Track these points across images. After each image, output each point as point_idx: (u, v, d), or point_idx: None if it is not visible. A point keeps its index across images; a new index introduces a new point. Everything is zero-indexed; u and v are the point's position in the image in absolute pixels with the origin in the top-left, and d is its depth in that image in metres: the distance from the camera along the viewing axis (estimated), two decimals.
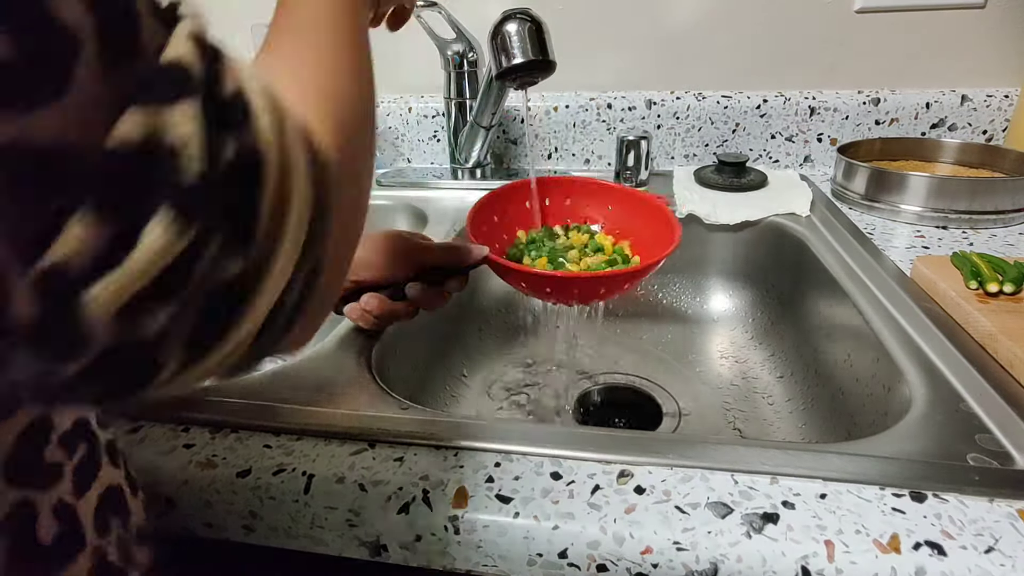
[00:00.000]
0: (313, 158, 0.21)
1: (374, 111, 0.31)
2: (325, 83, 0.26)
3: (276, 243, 0.20)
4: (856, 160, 0.72)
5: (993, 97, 0.81)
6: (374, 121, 0.31)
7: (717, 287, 0.78)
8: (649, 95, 0.87)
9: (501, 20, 0.58)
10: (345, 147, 0.25)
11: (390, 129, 0.96)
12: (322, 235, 0.22)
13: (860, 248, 0.60)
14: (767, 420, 0.61)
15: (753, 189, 0.79)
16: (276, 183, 0.19)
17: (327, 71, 0.27)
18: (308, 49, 0.28)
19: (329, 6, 0.29)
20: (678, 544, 0.30)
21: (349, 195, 0.26)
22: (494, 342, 0.75)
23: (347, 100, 0.27)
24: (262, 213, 0.19)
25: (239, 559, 0.40)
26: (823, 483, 0.33)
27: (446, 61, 0.81)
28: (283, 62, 0.27)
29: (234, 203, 0.18)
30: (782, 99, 0.84)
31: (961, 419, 0.38)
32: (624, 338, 0.76)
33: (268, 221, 0.19)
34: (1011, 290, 0.47)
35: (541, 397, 0.67)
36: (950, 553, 0.29)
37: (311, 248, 0.21)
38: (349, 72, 0.28)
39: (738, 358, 0.71)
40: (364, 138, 0.29)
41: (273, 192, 0.19)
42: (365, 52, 0.30)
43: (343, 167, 0.24)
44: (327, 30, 0.29)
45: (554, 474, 0.34)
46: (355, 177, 0.27)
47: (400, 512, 0.33)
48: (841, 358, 0.56)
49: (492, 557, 0.32)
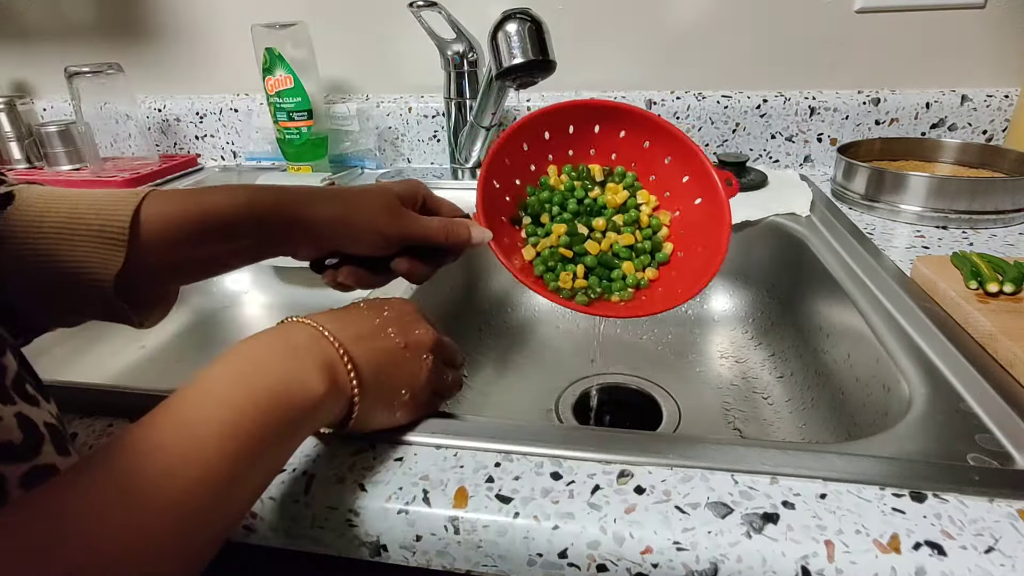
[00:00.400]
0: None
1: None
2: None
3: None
4: (856, 160, 0.72)
5: (993, 97, 0.81)
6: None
7: (717, 287, 0.78)
8: (649, 95, 0.87)
9: (501, 20, 0.58)
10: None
11: (390, 129, 0.96)
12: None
13: (860, 248, 0.60)
14: (767, 420, 0.61)
15: (753, 189, 0.79)
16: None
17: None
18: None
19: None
20: (678, 544, 0.30)
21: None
22: (494, 342, 0.75)
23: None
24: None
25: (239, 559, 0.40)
26: (823, 483, 0.33)
27: (446, 61, 0.81)
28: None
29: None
30: (782, 99, 0.84)
31: (961, 419, 0.38)
32: (624, 338, 0.76)
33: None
34: (1011, 290, 0.47)
35: (541, 397, 0.67)
36: (950, 553, 0.29)
37: None
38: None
39: (738, 358, 0.71)
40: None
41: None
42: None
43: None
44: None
45: (554, 474, 0.34)
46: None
47: (400, 512, 0.33)
48: (841, 358, 0.56)
49: (492, 557, 0.32)
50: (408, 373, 0.37)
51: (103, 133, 0.97)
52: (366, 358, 0.34)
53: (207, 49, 1.00)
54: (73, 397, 0.43)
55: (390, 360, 0.36)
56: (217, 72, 1.01)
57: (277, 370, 0.30)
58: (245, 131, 1.02)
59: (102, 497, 0.23)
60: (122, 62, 0.94)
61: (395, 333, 0.37)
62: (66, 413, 0.40)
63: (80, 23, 1.01)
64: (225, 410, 0.27)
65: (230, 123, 1.02)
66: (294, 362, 0.31)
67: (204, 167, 1.05)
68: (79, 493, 0.23)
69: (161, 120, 1.04)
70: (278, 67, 0.84)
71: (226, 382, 0.29)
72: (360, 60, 0.95)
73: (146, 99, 1.04)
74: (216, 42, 0.99)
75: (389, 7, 0.89)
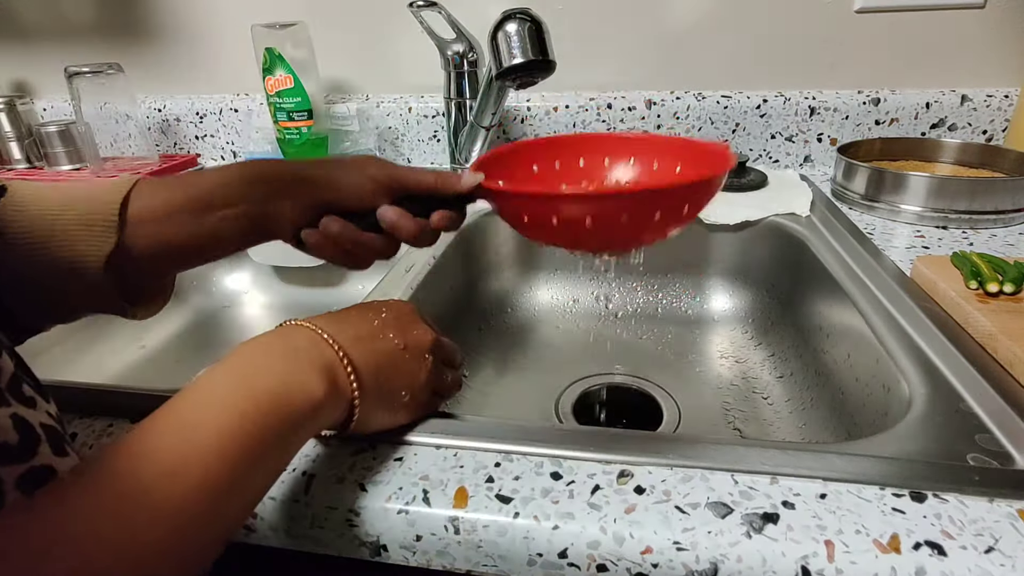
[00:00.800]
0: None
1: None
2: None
3: None
4: (856, 160, 0.72)
5: (993, 97, 0.81)
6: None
7: (717, 287, 0.78)
8: (649, 95, 0.87)
9: (501, 20, 0.58)
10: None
11: (390, 129, 0.96)
12: None
13: (860, 248, 0.60)
14: (767, 420, 0.61)
15: (753, 189, 0.79)
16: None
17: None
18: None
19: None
20: (678, 544, 0.30)
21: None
22: (494, 342, 0.75)
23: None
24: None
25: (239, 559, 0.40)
26: (823, 483, 0.33)
27: (446, 61, 0.81)
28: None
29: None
30: (782, 99, 0.84)
31: (961, 419, 0.38)
32: (624, 338, 0.76)
33: None
34: (1011, 290, 0.47)
35: (541, 397, 0.67)
36: (950, 553, 0.29)
37: None
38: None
39: (738, 358, 0.71)
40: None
41: None
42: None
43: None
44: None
45: (554, 474, 0.34)
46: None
47: (400, 512, 0.33)
48: (841, 358, 0.56)
49: (492, 557, 0.32)
50: (408, 374, 0.37)
51: (103, 133, 0.97)
52: (365, 360, 0.34)
53: (207, 49, 1.00)
54: (73, 397, 0.43)
55: (389, 362, 0.36)
56: (217, 72, 1.01)
57: (277, 372, 0.30)
58: (245, 131, 1.02)
59: (97, 502, 0.23)
60: (122, 62, 0.94)
61: (394, 334, 0.37)
62: (66, 413, 0.40)
63: (80, 23, 1.01)
64: (225, 413, 0.27)
65: (230, 123, 1.02)
66: (294, 364, 0.31)
67: (204, 167, 1.05)
68: (75, 497, 0.23)
69: (161, 120, 1.04)
70: (278, 67, 0.84)
71: (226, 385, 0.29)
72: (360, 60, 0.95)
73: (146, 99, 1.04)
74: (216, 42, 0.99)
75: (389, 7, 0.89)
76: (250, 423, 0.27)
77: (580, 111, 0.89)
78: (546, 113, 0.90)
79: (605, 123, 0.89)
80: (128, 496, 0.23)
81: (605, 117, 0.89)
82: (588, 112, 0.89)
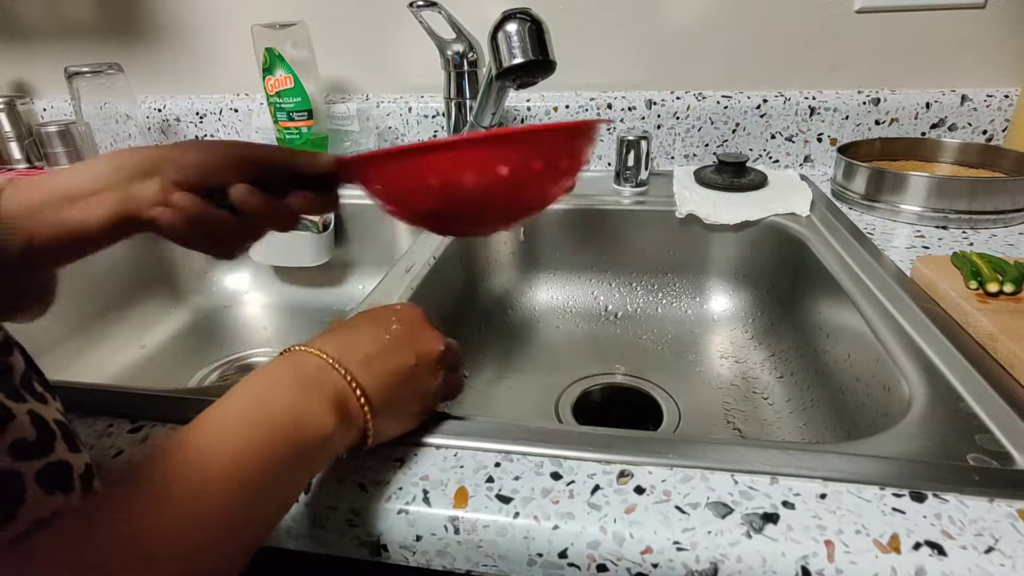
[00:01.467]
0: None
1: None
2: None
3: None
4: (856, 160, 0.72)
5: (993, 97, 0.81)
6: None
7: (717, 287, 0.78)
8: (649, 95, 0.87)
9: (501, 20, 0.58)
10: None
11: (390, 129, 0.96)
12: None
13: (860, 248, 0.60)
14: (767, 420, 0.61)
15: (753, 189, 0.79)
16: None
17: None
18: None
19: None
20: (678, 544, 0.30)
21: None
22: (494, 342, 0.75)
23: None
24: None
25: None
26: (823, 483, 0.33)
27: (446, 61, 0.81)
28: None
29: None
30: (782, 99, 0.84)
31: (961, 419, 0.38)
32: (624, 338, 0.76)
33: None
34: (1011, 290, 0.47)
35: (541, 397, 0.67)
36: (950, 553, 0.29)
37: None
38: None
39: (738, 358, 0.71)
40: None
41: None
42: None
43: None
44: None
45: (554, 474, 0.34)
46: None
47: (400, 512, 0.33)
48: (841, 358, 0.56)
49: (492, 557, 0.32)
50: (419, 388, 0.37)
51: (103, 133, 0.97)
52: (377, 385, 0.34)
53: (207, 49, 1.00)
54: (73, 397, 0.43)
55: (400, 380, 0.35)
56: (217, 72, 1.01)
57: (289, 404, 0.30)
58: (245, 131, 1.02)
59: (108, 533, 0.23)
60: (122, 62, 0.94)
61: (404, 349, 0.36)
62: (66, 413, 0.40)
63: (80, 23, 1.01)
64: (236, 445, 0.27)
65: (230, 123, 1.02)
66: (303, 395, 0.31)
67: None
68: (86, 527, 0.23)
69: (161, 120, 1.04)
70: (278, 67, 0.84)
71: (237, 417, 0.29)
72: (360, 60, 0.95)
73: (146, 99, 1.04)
74: (216, 42, 0.99)
75: (389, 7, 0.89)
76: (261, 456, 0.27)
77: (580, 111, 0.89)
78: (546, 113, 0.90)
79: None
80: (141, 528, 0.24)
81: (605, 117, 0.89)
82: (588, 112, 0.89)
